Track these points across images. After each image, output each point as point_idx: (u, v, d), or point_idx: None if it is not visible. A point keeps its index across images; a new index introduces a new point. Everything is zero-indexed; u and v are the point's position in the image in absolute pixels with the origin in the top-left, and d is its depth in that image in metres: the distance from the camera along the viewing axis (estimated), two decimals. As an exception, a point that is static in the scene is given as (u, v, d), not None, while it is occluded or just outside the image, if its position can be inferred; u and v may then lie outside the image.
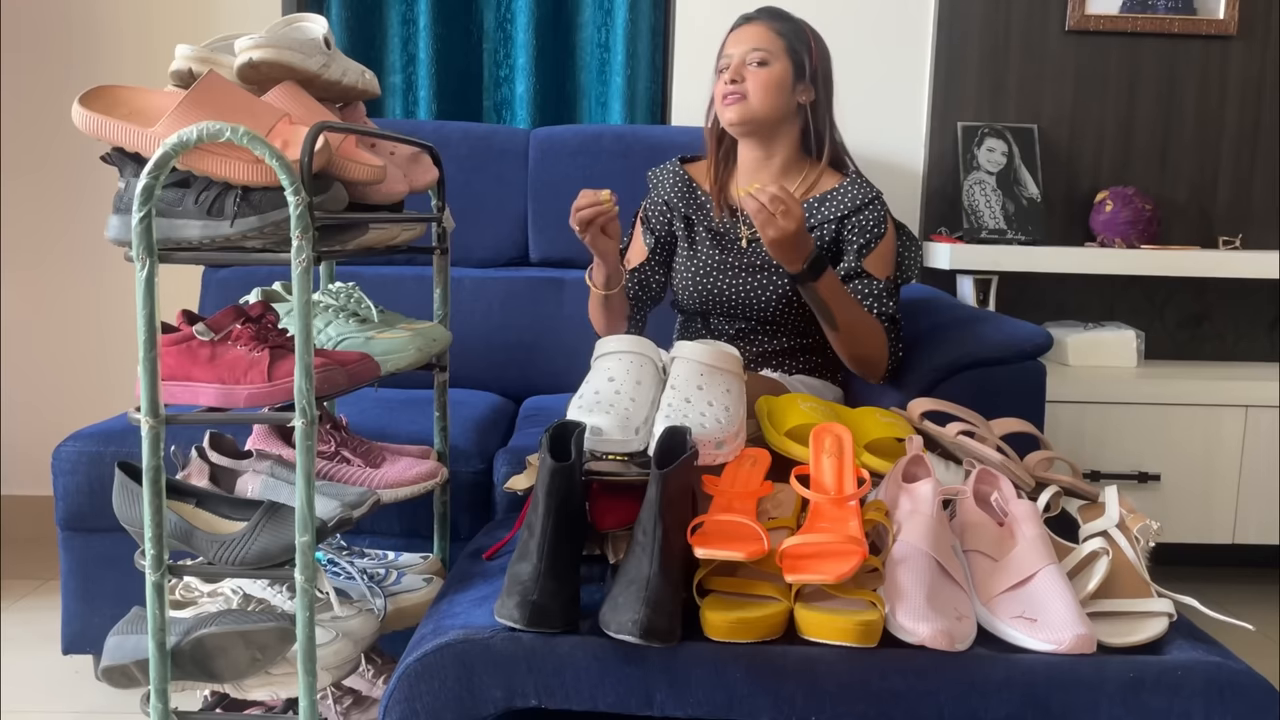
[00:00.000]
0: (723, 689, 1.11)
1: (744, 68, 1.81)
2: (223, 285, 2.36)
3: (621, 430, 1.28)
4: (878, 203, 1.84)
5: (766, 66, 1.81)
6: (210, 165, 1.22)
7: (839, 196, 1.84)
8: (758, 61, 1.81)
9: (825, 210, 1.84)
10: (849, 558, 1.12)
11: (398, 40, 2.68)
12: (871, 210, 1.83)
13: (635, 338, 1.45)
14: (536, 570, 1.14)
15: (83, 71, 2.65)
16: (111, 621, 1.45)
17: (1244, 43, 2.68)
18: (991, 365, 1.74)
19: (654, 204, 1.97)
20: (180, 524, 1.28)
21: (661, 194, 1.96)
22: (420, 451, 1.62)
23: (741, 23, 1.86)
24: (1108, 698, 1.09)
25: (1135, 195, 2.58)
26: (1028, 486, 1.40)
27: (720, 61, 1.86)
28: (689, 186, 1.94)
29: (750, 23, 1.85)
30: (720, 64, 1.86)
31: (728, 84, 1.82)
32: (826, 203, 1.84)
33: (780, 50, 1.82)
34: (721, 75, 1.84)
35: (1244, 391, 2.39)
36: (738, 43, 1.84)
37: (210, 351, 1.30)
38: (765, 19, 1.85)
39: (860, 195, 1.83)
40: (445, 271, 1.67)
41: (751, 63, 1.81)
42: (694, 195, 1.93)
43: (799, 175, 1.88)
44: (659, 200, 1.96)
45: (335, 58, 1.46)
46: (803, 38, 1.85)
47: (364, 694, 1.53)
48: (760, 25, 1.84)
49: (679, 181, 1.95)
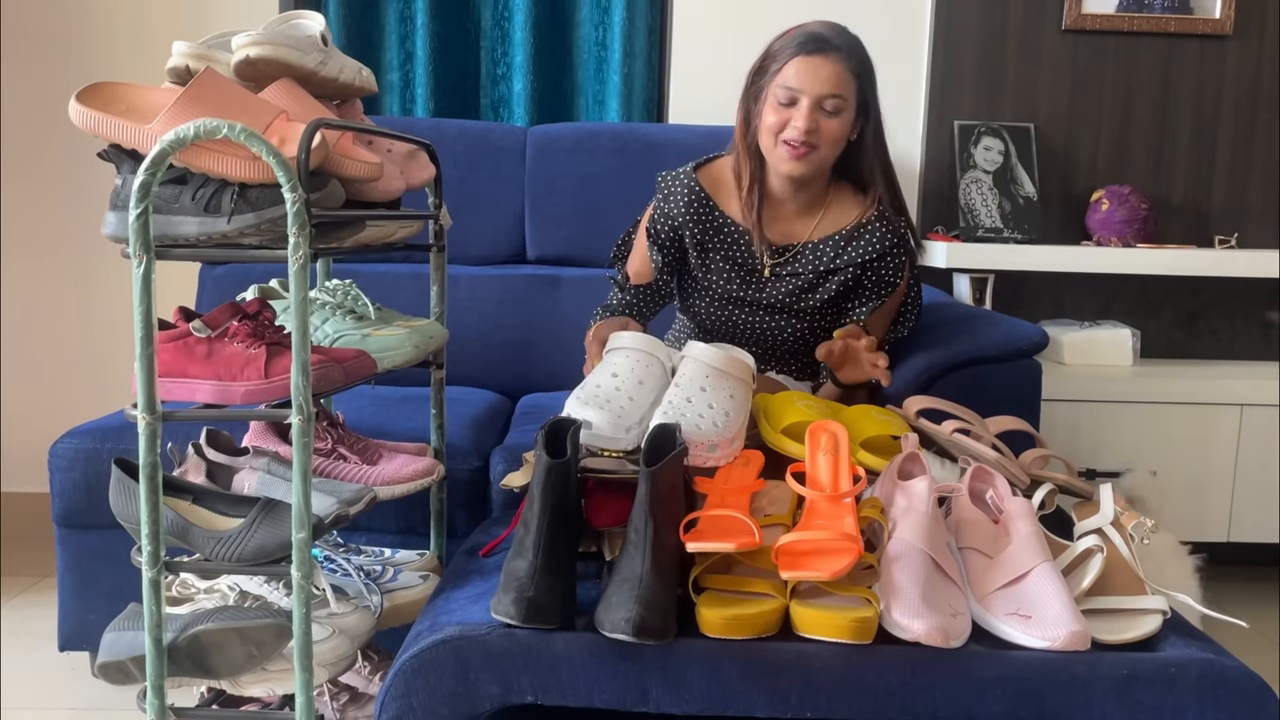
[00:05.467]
0: (718, 685, 1.11)
1: (818, 113, 1.63)
2: (220, 282, 2.36)
3: (613, 427, 1.29)
4: (899, 250, 1.74)
5: (839, 116, 1.65)
6: (207, 162, 1.22)
7: (867, 236, 1.73)
8: (832, 110, 1.64)
9: (852, 252, 1.73)
10: (844, 555, 1.12)
11: (395, 38, 2.68)
12: (893, 259, 1.74)
13: (648, 337, 1.45)
14: (532, 567, 1.14)
15: (80, 68, 2.64)
16: (108, 618, 1.45)
17: (1240, 42, 2.69)
18: (987, 363, 1.75)
19: (663, 217, 1.78)
20: (177, 520, 1.28)
21: (674, 208, 1.77)
22: (417, 449, 1.62)
23: (816, 52, 1.63)
24: (1102, 694, 1.09)
25: (1131, 194, 2.59)
26: (1023, 484, 1.40)
27: (779, 89, 1.64)
28: (705, 204, 1.77)
29: (827, 56, 1.63)
30: (780, 93, 1.64)
31: (801, 133, 1.63)
32: (854, 241, 1.73)
33: (852, 95, 1.66)
34: (783, 109, 1.65)
35: (1239, 390, 2.40)
36: (812, 79, 1.62)
37: (207, 348, 1.31)
38: (842, 56, 1.64)
39: (887, 238, 1.73)
40: (442, 269, 1.67)
41: (826, 109, 1.64)
42: (710, 215, 1.77)
43: (823, 202, 1.77)
44: (670, 214, 1.78)
45: (332, 55, 1.46)
46: (869, 73, 1.69)
47: (360, 690, 1.54)
48: (838, 64, 1.63)
49: (694, 199, 1.76)
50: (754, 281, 1.78)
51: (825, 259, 1.75)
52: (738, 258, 1.77)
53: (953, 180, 2.65)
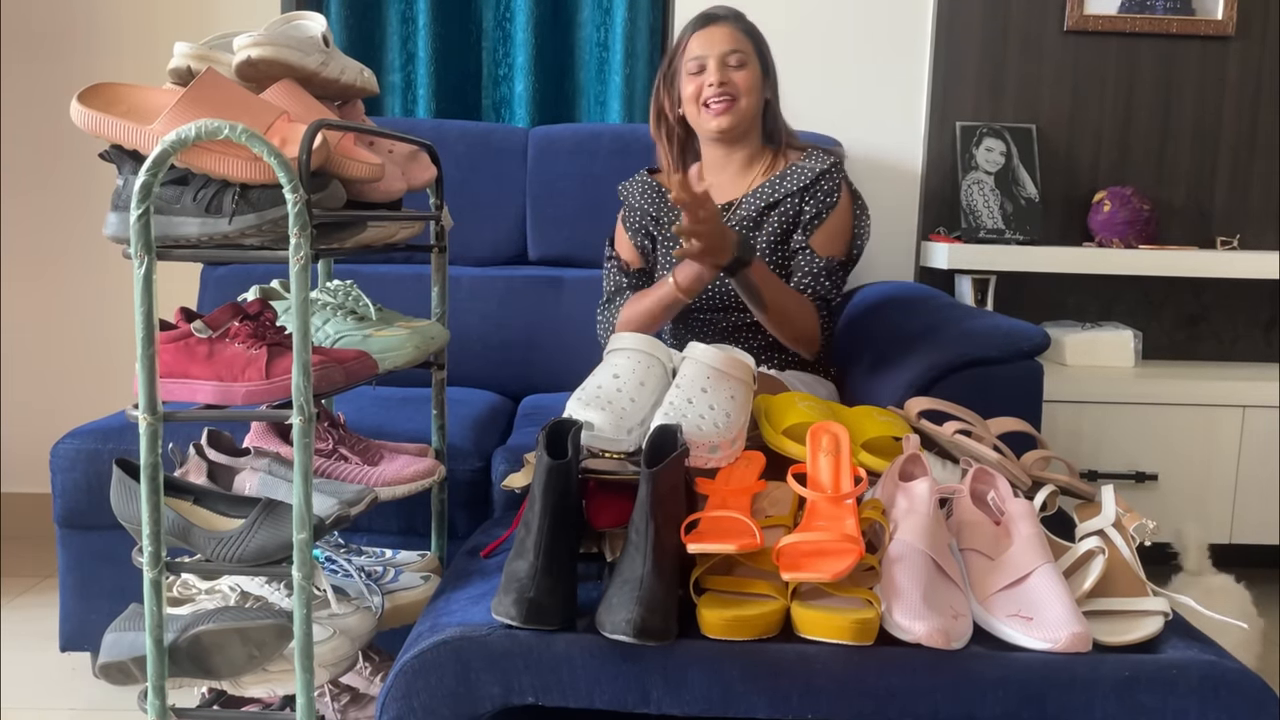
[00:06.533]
0: (719, 687, 1.11)
1: (726, 69, 1.81)
2: (221, 283, 2.37)
3: (615, 429, 1.29)
4: (834, 170, 1.86)
5: (745, 68, 1.82)
6: (208, 163, 1.22)
7: (799, 170, 1.87)
8: (736, 63, 1.82)
9: (787, 184, 1.87)
10: (845, 556, 1.12)
11: (396, 39, 2.68)
12: (828, 179, 1.86)
13: (649, 338, 1.45)
14: (533, 568, 1.14)
15: (82, 69, 2.65)
16: (109, 618, 1.45)
17: (1242, 43, 2.68)
18: (989, 365, 1.74)
19: (630, 213, 1.99)
20: (178, 521, 1.28)
21: (634, 203, 1.97)
22: (418, 449, 1.62)
23: (706, 23, 1.85)
24: (1103, 696, 1.09)
25: (1133, 195, 2.59)
26: (1024, 485, 1.40)
27: (688, 63, 1.84)
28: (659, 195, 1.95)
29: (717, 23, 1.84)
30: (689, 65, 1.84)
31: (716, 86, 1.80)
32: (787, 178, 1.87)
33: (751, 51, 1.84)
34: (695, 77, 1.83)
35: (1241, 391, 2.39)
36: (709, 44, 1.82)
37: (208, 349, 1.31)
38: (730, 20, 1.85)
39: (818, 164, 1.86)
40: (443, 270, 1.67)
41: (731, 64, 1.81)
42: (664, 202, 1.95)
43: (761, 164, 1.92)
44: (634, 209, 1.98)
45: (334, 55, 1.46)
46: (759, 35, 1.87)
47: (361, 691, 1.54)
48: (728, 26, 1.84)
49: (649, 191, 1.96)
50: None
51: (764, 199, 1.88)
52: None
53: (954, 181, 2.65)
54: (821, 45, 2.05)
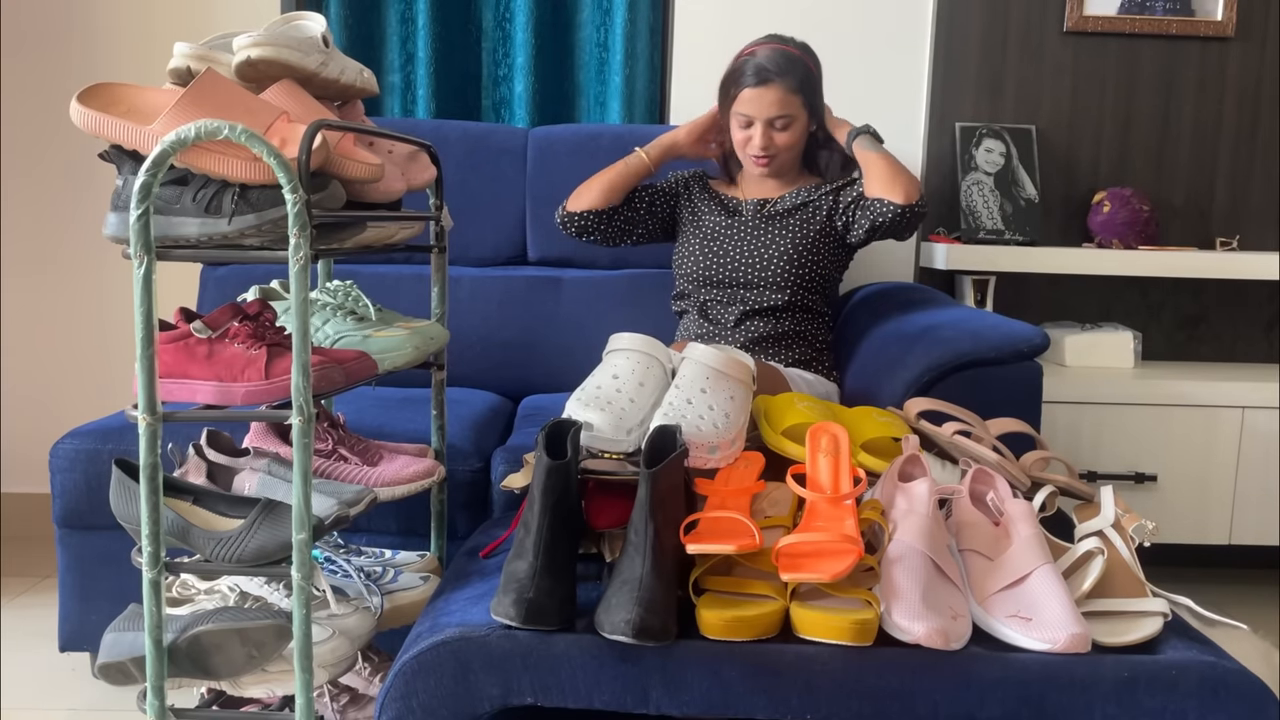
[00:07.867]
0: (718, 687, 1.11)
1: (770, 131, 1.96)
2: (221, 283, 2.36)
3: (614, 429, 1.29)
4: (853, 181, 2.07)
5: (790, 129, 1.97)
6: (208, 163, 1.22)
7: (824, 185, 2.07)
8: (782, 126, 1.97)
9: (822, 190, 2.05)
10: (845, 556, 1.12)
11: (396, 39, 2.68)
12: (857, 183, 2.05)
13: (648, 339, 1.45)
14: (532, 568, 1.14)
15: (82, 69, 2.65)
16: (109, 619, 1.45)
17: (1242, 44, 2.68)
18: (989, 365, 1.75)
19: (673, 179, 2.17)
20: (177, 521, 1.28)
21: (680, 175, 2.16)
22: (417, 450, 1.62)
23: (760, 82, 1.94)
24: (1102, 697, 1.09)
25: (1133, 196, 2.59)
26: (1024, 486, 1.40)
27: (740, 116, 1.98)
28: (702, 181, 2.15)
29: (769, 85, 1.93)
30: (739, 118, 1.98)
31: (759, 147, 1.97)
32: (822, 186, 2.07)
33: (799, 107, 1.97)
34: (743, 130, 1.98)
35: (1241, 392, 2.39)
36: (758, 106, 1.94)
37: (208, 349, 1.31)
38: (780, 79, 1.93)
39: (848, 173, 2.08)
40: (443, 270, 1.67)
41: (777, 127, 1.96)
42: (704, 186, 2.14)
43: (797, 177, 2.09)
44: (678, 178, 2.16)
45: (333, 56, 1.46)
46: (811, 81, 1.98)
47: (361, 691, 1.54)
48: (778, 90, 1.93)
49: (695, 177, 2.15)
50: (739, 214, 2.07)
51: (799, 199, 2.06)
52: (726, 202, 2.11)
53: (954, 182, 2.65)
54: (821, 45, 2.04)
